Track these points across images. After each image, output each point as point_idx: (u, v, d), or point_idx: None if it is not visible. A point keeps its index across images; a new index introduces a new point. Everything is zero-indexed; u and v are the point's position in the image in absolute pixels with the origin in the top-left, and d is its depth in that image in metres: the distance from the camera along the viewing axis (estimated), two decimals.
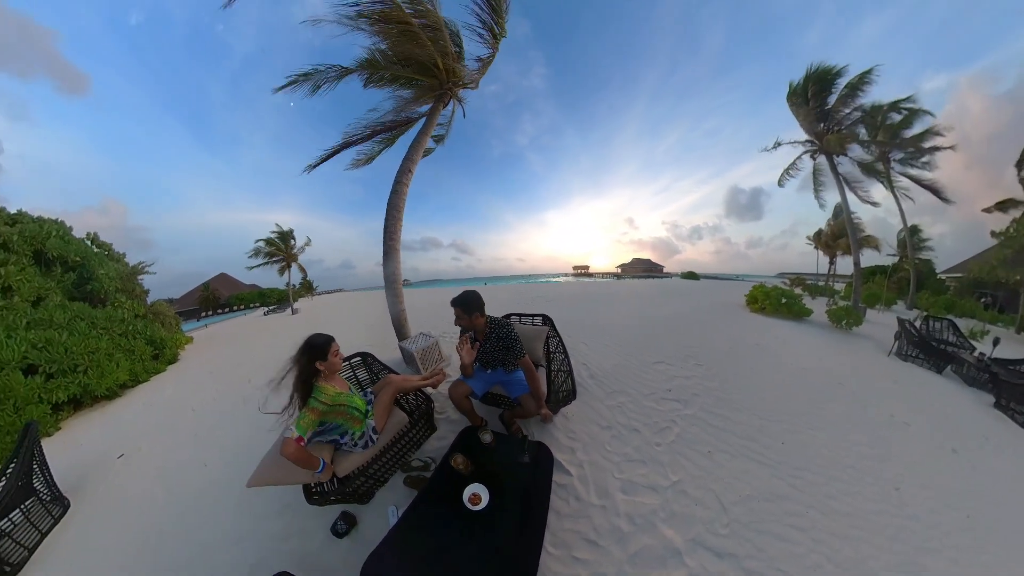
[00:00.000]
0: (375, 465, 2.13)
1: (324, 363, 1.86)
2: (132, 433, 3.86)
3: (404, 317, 4.26)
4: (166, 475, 2.98)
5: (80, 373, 4.28)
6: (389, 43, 4.06)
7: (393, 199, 4.26)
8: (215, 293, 25.14)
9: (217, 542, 2.17)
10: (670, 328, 5.56)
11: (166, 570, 2.08)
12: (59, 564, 2.25)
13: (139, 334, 5.20)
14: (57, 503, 2.66)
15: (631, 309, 7.92)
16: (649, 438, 2.48)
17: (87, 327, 4.61)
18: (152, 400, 4.74)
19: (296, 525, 2.12)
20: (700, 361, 3.85)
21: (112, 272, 5.49)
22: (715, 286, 17.33)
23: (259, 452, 2.72)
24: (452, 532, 1.57)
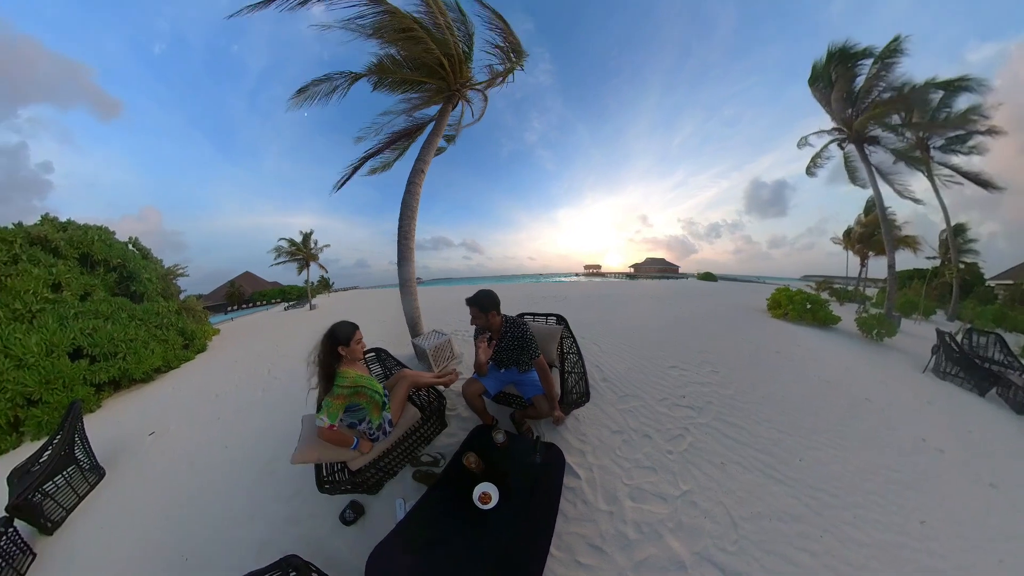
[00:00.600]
0: (386, 458, 2.18)
1: (346, 349, 1.94)
2: (163, 414, 4.17)
3: (418, 315, 4.36)
4: (190, 453, 3.20)
5: (120, 358, 4.75)
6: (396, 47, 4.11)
7: (407, 199, 4.34)
8: (240, 289, 26.67)
9: (232, 518, 2.30)
10: (686, 332, 5.38)
11: (184, 539, 2.23)
12: (91, 525, 2.48)
13: (172, 326, 5.72)
14: (94, 472, 2.94)
15: (645, 310, 7.71)
16: (661, 445, 2.43)
17: (127, 318, 5.11)
18: (181, 385, 5.12)
19: (306, 510, 2.21)
20: (716, 368, 3.72)
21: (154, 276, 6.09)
22: (734, 288, 16.44)
23: (276, 436, 3.08)
24: (460, 530, 1.58)
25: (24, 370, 3.93)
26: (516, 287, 15.75)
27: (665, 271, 67.06)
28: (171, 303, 6.12)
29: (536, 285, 18.08)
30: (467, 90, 4.88)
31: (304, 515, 2.19)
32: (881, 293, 12.57)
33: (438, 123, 4.71)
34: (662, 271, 67.10)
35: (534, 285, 18.09)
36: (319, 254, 16.15)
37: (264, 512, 2.30)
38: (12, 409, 3.76)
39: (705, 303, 9.26)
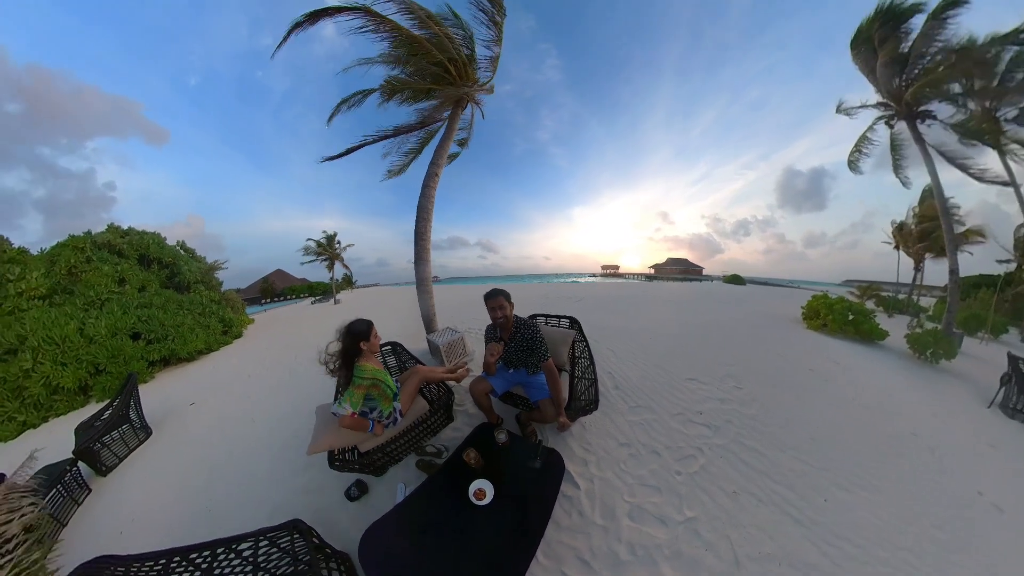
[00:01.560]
0: (393, 444, 2.26)
1: (367, 343, 2.07)
2: (202, 388, 4.71)
3: (433, 312, 4.53)
4: (222, 424, 3.59)
5: (169, 341, 5.55)
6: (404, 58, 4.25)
7: (422, 202, 4.46)
8: (272, 285, 30.05)
9: (252, 483, 2.56)
10: (708, 340, 4.97)
11: (210, 494, 2.51)
12: (136, 472, 2.92)
13: (213, 314, 6.53)
14: (143, 431, 3.46)
15: (665, 315, 7.24)
16: (669, 464, 2.28)
17: (176, 307, 5.91)
18: (220, 365, 5.72)
19: (316, 483, 2.37)
20: (740, 382, 3.42)
21: (194, 268, 6.98)
22: (765, 293, 14.76)
23: (298, 416, 3.26)
24: (452, 521, 1.63)
25: (94, 346, 4.75)
26: (530, 287, 15.44)
27: (687, 272, 62.86)
28: (213, 293, 7.01)
29: (551, 285, 17.51)
30: (475, 92, 4.92)
31: (314, 487, 2.35)
32: (940, 304, 10.59)
33: (449, 126, 4.79)
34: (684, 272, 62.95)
35: (549, 286, 17.54)
36: (343, 254, 17.50)
37: (280, 480, 2.52)
38: (83, 376, 4.56)
39: (731, 309, 8.52)
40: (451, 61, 4.31)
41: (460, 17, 4.40)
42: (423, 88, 4.56)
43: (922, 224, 12.38)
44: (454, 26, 4.41)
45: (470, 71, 4.62)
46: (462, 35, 4.48)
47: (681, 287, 17.14)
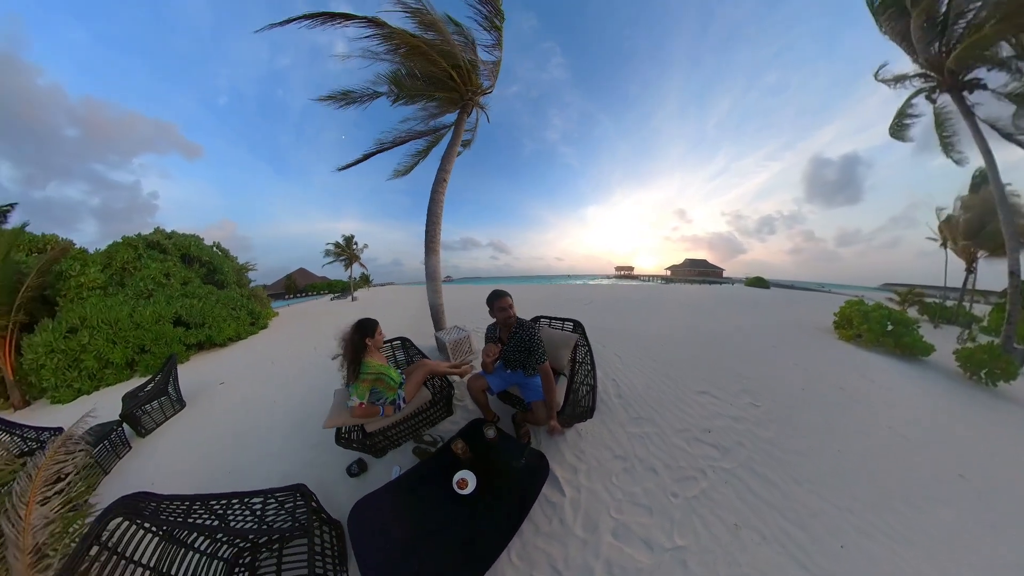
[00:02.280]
0: (394, 430, 2.37)
1: (371, 339, 2.23)
2: (231, 370, 5.27)
3: (442, 311, 4.67)
4: (247, 402, 3.96)
5: (206, 328, 6.28)
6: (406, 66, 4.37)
7: (432, 207, 4.57)
8: (295, 282, 33.34)
9: (267, 453, 2.81)
10: (724, 349, 4.60)
11: (230, 460, 2.80)
12: (169, 437, 3.30)
13: (243, 307, 7.32)
14: (178, 403, 3.90)
15: (679, 320, 6.78)
16: (666, 484, 2.13)
17: (214, 300, 6.65)
18: (247, 352, 6.36)
19: (322, 459, 2.53)
20: (757, 399, 3.13)
21: (230, 268, 7.79)
22: (791, 298, 13.21)
23: (312, 399, 3.55)
24: (435, 504, 1.71)
25: (141, 330, 5.47)
26: (539, 288, 15.18)
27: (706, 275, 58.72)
28: (243, 290, 7.89)
29: (561, 287, 17.05)
30: (479, 96, 4.95)
31: (320, 461, 2.52)
32: (997, 312, 8.64)
33: (455, 132, 4.82)
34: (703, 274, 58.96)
35: (559, 287, 17.12)
36: (360, 254, 19.01)
37: (291, 453, 2.73)
38: (131, 354, 5.31)
39: (753, 315, 7.82)
40: (455, 68, 4.36)
41: (461, 25, 4.44)
42: (429, 94, 4.68)
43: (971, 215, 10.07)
44: (456, 33, 4.43)
45: (473, 77, 4.67)
46: (464, 41, 4.51)
47: (698, 290, 16.03)
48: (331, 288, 29.70)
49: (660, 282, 46.36)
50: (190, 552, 1.54)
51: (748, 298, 12.11)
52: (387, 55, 4.04)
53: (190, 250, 7.20)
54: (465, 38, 4.53)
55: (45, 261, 5.29)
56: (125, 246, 6.31)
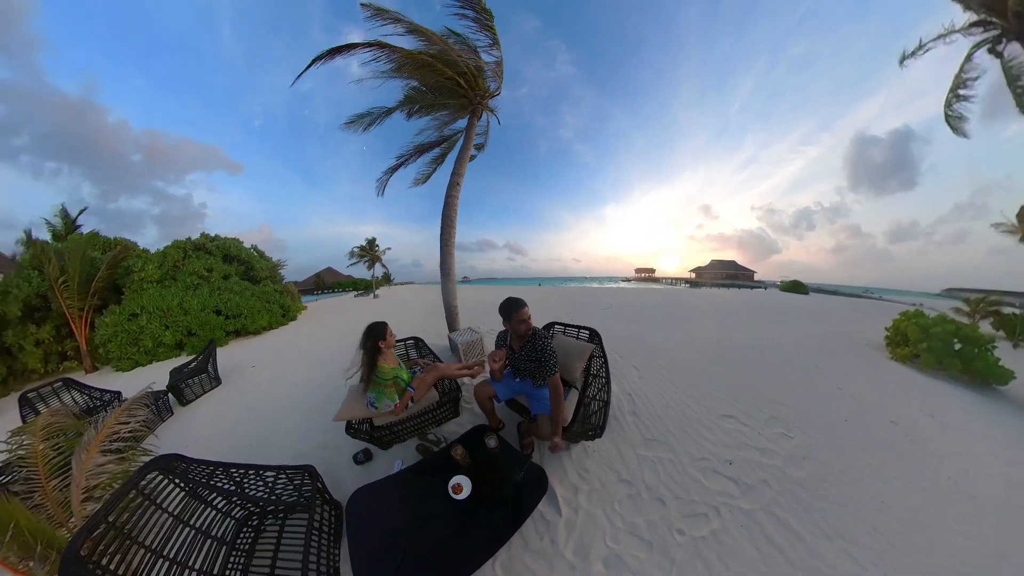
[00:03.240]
0: (401, 426, 2.50)
1: (383, 341, 2.38)
2: (262, 356, 5.91)
3: (456, 312, 4.83)
4: (272, 384, 4.43)
5: (242, 318, 7.27)
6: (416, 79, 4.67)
7: (446, 211, 4.76)
8: (323, 279, 37.53)
9: (284, 431, 3.10)
10: (756, 366, 4.15)
11: (253, 433, 3.15)
12: (205, 408, 3.76)
13: (276, 301, 8.31)
14: (215, 380, 4.49)
15: (705, 329, 6.24)
16: (672, 518, 1.99)
17: (250, 294, 7.61)
18: (277, 340, 7.04)
19: (333, 443, 2.71)
20: (790, 429, 2.81)
21: (263, 266, 8.91)
22: (834, 306, 11.42)
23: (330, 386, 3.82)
24: (430, 502, 1.78)
25: (189, 317, 6.53)
26: (555, 291, 14.69)
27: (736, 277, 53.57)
28: (276, 286, 8.96)
29: (578, 290, 16.31)
30: (488, 100, 5.12)
31: (331, 446, 2.70)
32: None
33: (467, 137, 5.03)
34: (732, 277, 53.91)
35: (575, 290, 16.40)
36: (382, 255, 20.86)
37: (306, 434, 2.96)
38: (179, 337, 6.39)
39: (790, 326, 6.98)
40: (460, 75, 4.55)
41: (461, 34, 4.68)
42: (439, 103, 4.98)
43: None
44: (456, 42, 4.66)
45: (479, 81, 4.84)
46: (465, 48, 4.73)
47: (727, 295, 14.52)
48: (355, 286, 32.22)
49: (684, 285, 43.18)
50: (208, 508, 1.75)
51: (784, 305, 10.88)
52: (396, 73, 4.37)
53: (230, 251, 8.37)
54: (466, 45, 4.76)
55: (112, 257, 6.57)
56: (175, 248, 7.60)
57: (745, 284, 40.37)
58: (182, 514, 1.64)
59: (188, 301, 6.61)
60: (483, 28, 4.56)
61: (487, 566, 1.69)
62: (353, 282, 34.85)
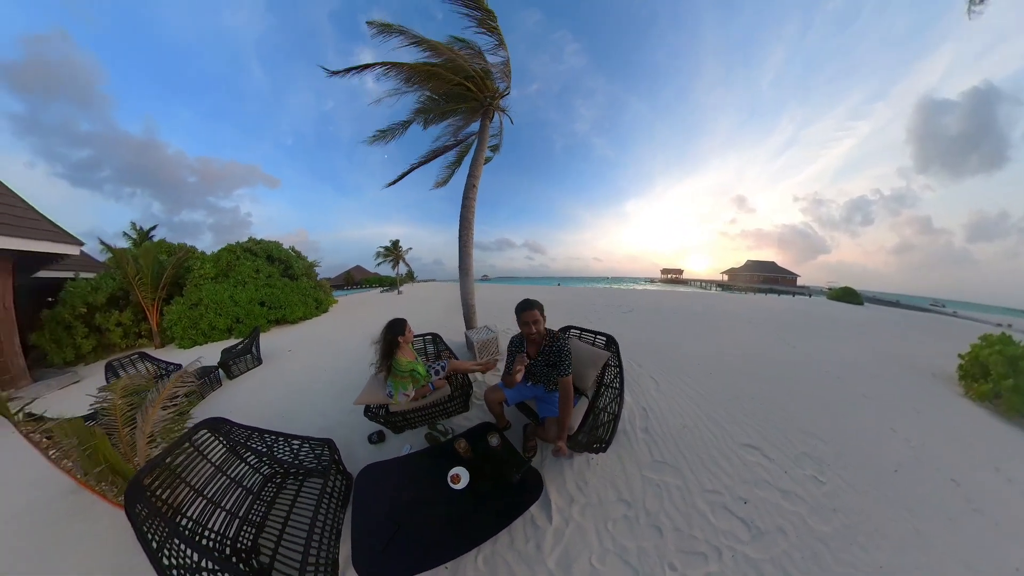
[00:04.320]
0: (413, 414, 2.73)
1: (402, 336, 2.63)
2: (297, 342, 6.77)
3: (473, 311, 5.06)
4: (305, 367, 5.07)
5: (282, 309, 8.55)
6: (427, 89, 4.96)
7: (464, 213, 4.97)
8: (352, 276, 42.18)
9: (312, 408, 3.54)
10: (792, 389, 3.68)
11: (285, 407, 3.65)
12: (248, 383, 4.41)
13: (310, 295, 9.60)
14: (257, 360, 5.28)
15: (736, 341, 5.64)
16: (667, 551, 1.86)
17: (288, 289, 8.95)
18: (311, 329, 8.07)
19: (351, 423, 3.03)
20: (823, 471, 2.44)
21: (300, 265, 10.10)
22: (895, 321, 9.14)
23: (354, 372, 4.31)
24: (428, 489, 1.94)
25: (237, 307, 7.79)
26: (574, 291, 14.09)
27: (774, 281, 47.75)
28: (311, 282, 10.19)
29: (599, 291, 15.35)
30: (498, 100, 5.29)
31: (350, 425, 3.01)
32: None
33: (480, 139, 5.23)
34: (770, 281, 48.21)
35: (596, 290, 15.49)
36: (405, 255, 23.08)
37: (329, 413, 3.34)
38: (230, 323, 7.62)
39: (837, 342, 5.93)
40: (468, 79, 4.75)
41: (466, 40, 4.87)
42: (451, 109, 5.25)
43: None
44: (462, 48, 4.85)
45: (488, 83, 5.01)
46: (471, 53, 4.90)
47: (764, 302, 12.44)
48: (381, 282, 34.90)
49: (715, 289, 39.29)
50: (242, 464, 2.08)
51: (831, 316, 9.19)
52: (407, 85, 4.69)
53: (272, 252, 9.72)
54: (472, 49, 4.92)
55: (176, 259, 8.14)
56: (227, 251, 8.92)
57: (785, 289, 35.25)
58: (222, 465, 1.97)
59: (238, 294, 7.94)
60: (488, 30, 4.66)
61: (470, 555, 1.78)
62: (379, 279, 37.59)
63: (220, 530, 1.72)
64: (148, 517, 1.38)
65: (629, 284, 47.77)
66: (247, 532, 1.80)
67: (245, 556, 1.69)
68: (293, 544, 1.72)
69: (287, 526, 1.84)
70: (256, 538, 1.79)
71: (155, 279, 7.42)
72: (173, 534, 1.37)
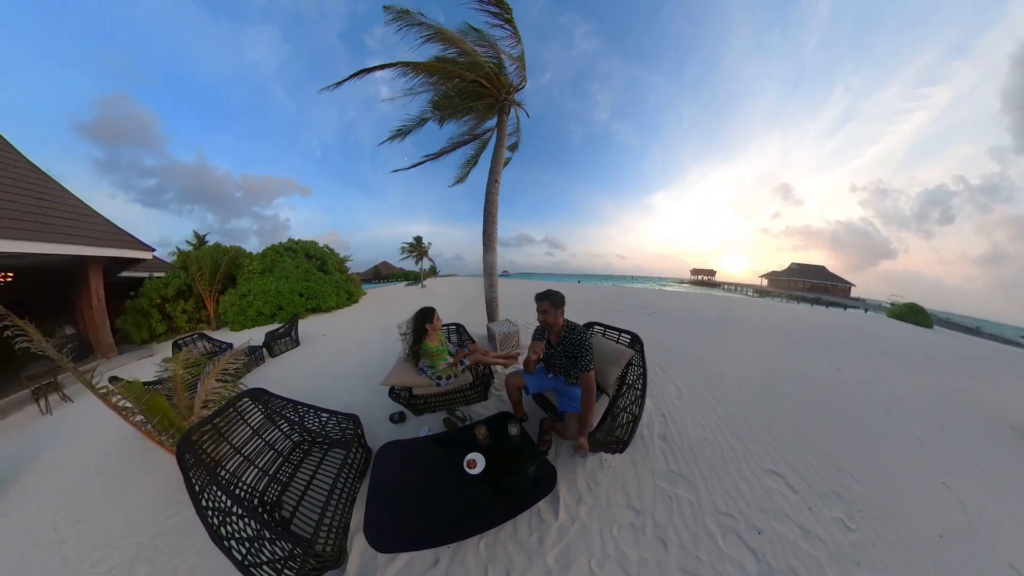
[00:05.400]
0: (434, 399, 2.91)
1: (430, 324, 2.84)
2: (330, 327, 7.64)
3: (496, 304, 5.16)
4: (336, 350, 5.65)
5: (318, 299, 9.85)
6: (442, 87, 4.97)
7: (487, 207, 5.07)
8: (380, 271, 46.28)
9: (340, 386, 3.93)
10: (829, 417, 3.26)
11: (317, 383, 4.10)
12: (286, 361, 5.05)
13: (342, 288, 10.90)
14: (295, 343, 5.98)
15: (773, 354, 5.12)
16: (668, 568, 1.76)
17: (323, 282, 10.26)
18: (343, 317, 9.12)
19: (375, 402, 3.30)
20: (852, 517, 2.14)
21: (333, 261, 11.54)
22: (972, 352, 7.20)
23: (381, 356, 4.68)
24: (444, 469, 2.03)
25: (280, 297, 9.16)
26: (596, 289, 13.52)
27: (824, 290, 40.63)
28: (343, 276, 11.53)
29: (622, 290, 14.56)
30: (514, 95, 5.30)
31: (375, 404, 3.27)
32: None
33: (499, 136, 5.30)
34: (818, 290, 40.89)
35: (619, 289, 14.70)
36: (427, 251, 24.58)
37: (356, 392, 3.69)
38: (273, 311, 8.96)
39: (893, 371, 4.92)
40: (483, 76, 4.75)
41: (481, 31, 4.76)
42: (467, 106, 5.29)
43: None
44: (476, 43, 4.79)
45: (503, 78, 5.03)
46: (485, 46, 4.86)
47: (809, 314, 10.50)
48: (406, 277, 37.19)
49: (752, 294, 35.97)
50: (275, 430, 2.35)
51: (889, 339, 7.48)
52: (422, 87, 4.75)
53: (309, 251, 11.19)
54: (485, 42, 4.83)
55: (229, 258, 9.80)
56: (271, 250, 10.53)
57: (836, 301, 30.02)
58: (259, 429, 2.23)
59: (280, 286, 9.34)
60: (504, 22, 4.52)
61: (473, 540, 1.85)
62: (404, 273, 40.13)
63: (251, 484, 1.98)
64: (194, 465, 1.60)
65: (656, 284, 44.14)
66: (274, 488, 2.05)
67: (270, 508, 1.93)
68: (312, 504, 1.92)
69: (309, 488, 2.05)
70: (281, 495, 2.02)
71: (212, 275, 9.17)
72: (212, 481, 1.58)
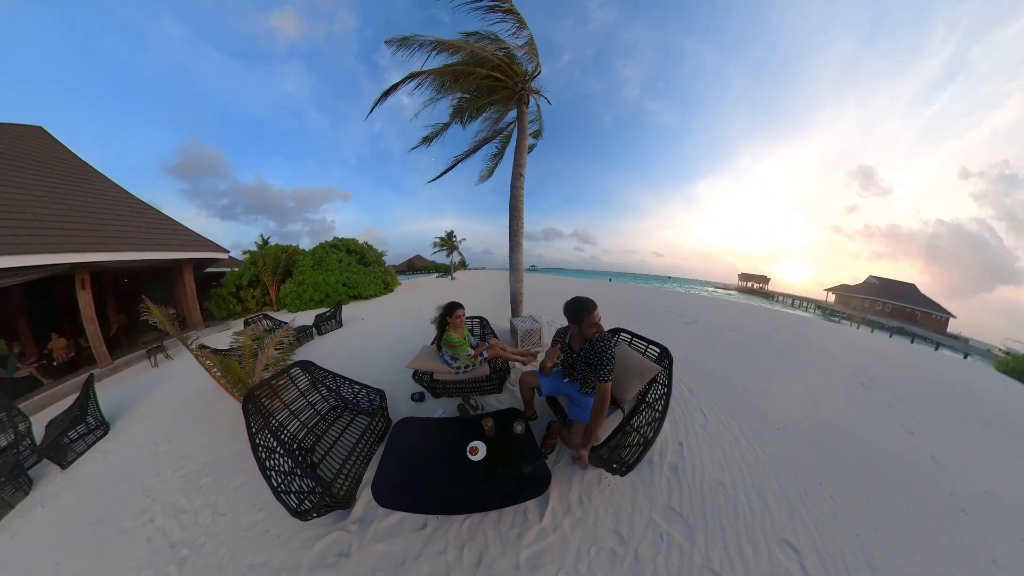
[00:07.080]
0: (452, 385, 3.21)
1: (452, 318, 3.14)
2: (368, 313, 8.99)
3: (520, 300, 5.21)
4: (373, 333, 6.56)
5: (359, 288, 11.52)
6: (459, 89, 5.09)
7: (512, 202, 5.12)
8: (414, 264, 50.13)
9: (373, 364, 4.68)
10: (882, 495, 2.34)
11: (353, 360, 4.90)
12: (330, 339, 6.09)
13: (380, 279, 12.60)
14: (339, 324, 7.03)
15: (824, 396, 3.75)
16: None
17: (363, 273, 11.99)
18: (379, 304, 10.47)
19: (401, 381, 3.74)
20: None
21: (372, 255, 13.49)
22: None
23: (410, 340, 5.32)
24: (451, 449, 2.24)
25: (327, 287, 10.92)
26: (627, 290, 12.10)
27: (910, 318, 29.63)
28: (380, 268, 13.38)
29: (656, 292, 12.71)
30: (531, 83, 5.29)
31: (399, 383, 3.71)
32: None
33: (520, 126, 5.32)
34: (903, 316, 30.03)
35: (653, 291, 12.82)
36: (458, 245, 26.10)
37: (385, 370, 4.24)
38: (321, 297, 10.78)
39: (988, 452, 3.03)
40: (494, 69, 4.82)
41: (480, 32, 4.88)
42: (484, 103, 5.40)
43: None
44: (479, 41, 4.87)
45: (515, 67, 5.05)
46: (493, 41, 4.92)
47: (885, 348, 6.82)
48: (437, 269, 39.72)
49: (814, 311, 29.80)
50: (316, 394, 2.88)
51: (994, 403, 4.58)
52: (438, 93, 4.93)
53: (351, 247, 13.20)
54: (490, 38, 4.89)
55: (287, 255, 11.90)
56: (320, 248, 12.56)
57: (925, 335, 23.02)
58: (304, 392, 2.79)
59: (328, 277, 11.30)
60: (505, 12, 4.56)
61: (459, 517, 2.06)
62: (436, 266, 42.91)
63: (293, 432, 2.52)
64: (253, 412, 2.07)
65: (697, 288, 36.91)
66: (309, 439, 2.59)
67: (304, 454, 2.46)
68: (336, 456, 2.41)
69: (336, 444, 2.53)
70: (314, 445, 2.55)
71: (274, 268, 11.59)
72: (265, 426, 2.02)
